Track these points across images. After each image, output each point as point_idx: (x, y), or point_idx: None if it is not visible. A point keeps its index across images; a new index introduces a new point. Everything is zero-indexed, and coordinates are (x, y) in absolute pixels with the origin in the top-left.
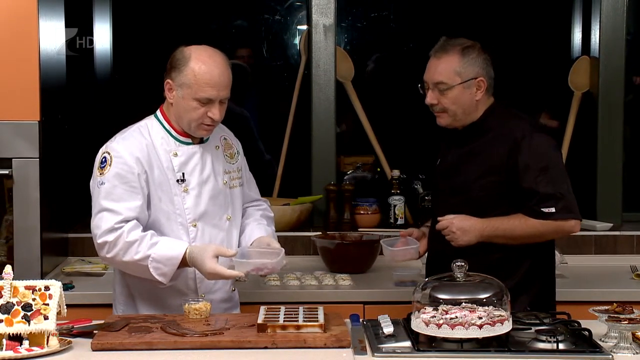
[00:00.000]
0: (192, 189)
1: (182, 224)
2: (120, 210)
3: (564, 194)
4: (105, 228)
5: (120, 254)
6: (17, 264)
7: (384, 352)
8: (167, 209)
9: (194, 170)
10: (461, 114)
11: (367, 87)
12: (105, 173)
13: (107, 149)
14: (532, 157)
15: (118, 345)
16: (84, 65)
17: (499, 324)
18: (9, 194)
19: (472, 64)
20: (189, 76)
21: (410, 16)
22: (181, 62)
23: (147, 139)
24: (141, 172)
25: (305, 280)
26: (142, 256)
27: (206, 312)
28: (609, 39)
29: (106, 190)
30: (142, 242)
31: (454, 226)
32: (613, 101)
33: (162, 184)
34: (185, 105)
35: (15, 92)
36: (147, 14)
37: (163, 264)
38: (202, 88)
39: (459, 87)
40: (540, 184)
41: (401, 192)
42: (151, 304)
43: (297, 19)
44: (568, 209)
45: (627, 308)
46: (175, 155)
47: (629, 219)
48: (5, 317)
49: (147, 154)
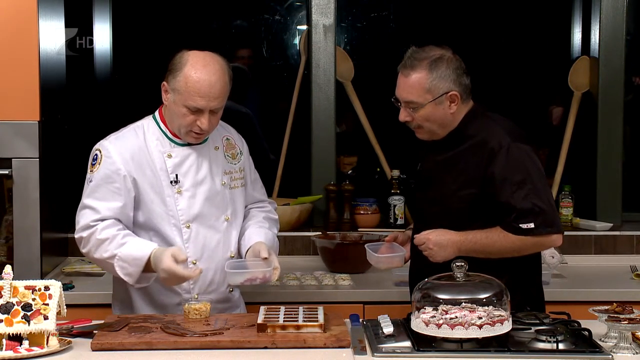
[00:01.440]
0: (186, 190)
1: (176, 225)
2: (100, 209)
3: (542, 207)
4: (82, 224)
5: (92, 250)
6: (17, 264)
7: (384, 352)
8: (159, 210)
9: (189, 171)
10: (437, 128)
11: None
12: (94, 171)
13: (100, 146)
14: (509, 169)
15: (118, 345)
16: (83, 65)
17: (499, 324)
18: (8, 194)
19: (442, 78)
20: (181, 82)
21: (410, 16)
22: (176, 67)
23: (141, 139)
24: (128, 174)
25: (305, 280)
26: (110, 255)
27: (206, 312)
28: (609, 39)
29: (91, 188)
30: (112, 241)
31: (431, 242)
32: (613, 101)
33: (154, 185)
34: (176, 110)
35: (15, 92)
36: (147, 14)
37: (128, 263)
38: (191, 96)
39: (430, 104)
40: (517, 199)
41: (401, 192)
42: (148, 302)
43: (297, 19)
44: (547, 224)
45: (627, 308)
46: (169, 157)
47: (629, 219)
48: (5, 317)
49: (138, 154)
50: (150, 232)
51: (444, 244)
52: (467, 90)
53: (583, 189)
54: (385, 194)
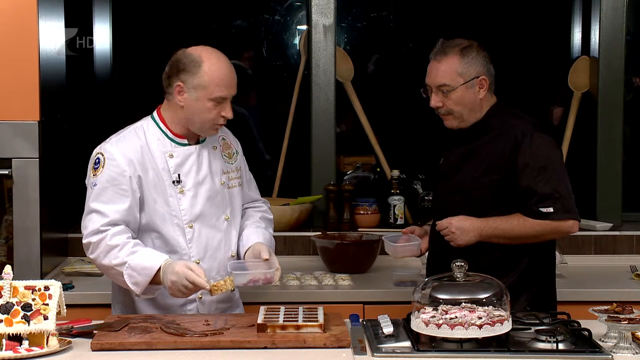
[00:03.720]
0: (188, 190)
1: (179, 225)
2: (108, 212)
3: (562, 193)
4: (91, 229)
5: (101, 256)
6: (16, 264)
7: (384, 352)
8: (162, 211)
9: (190, 171)
10: (467, 114)
11: (367, 87)
12: (97, 174)
13: (101, 149)
14: (532, 156)
15: (118, 345)
16: (83, 65)
17: (499, 324)
18: (8, 194)
19: (473, 63)
20: (205, 77)
21: (410, 16)
22: (193, 65)
23: (142, 140)
24: (133, 175)
25: (305, 280)
26: (120, 262)
27: (226, 286)
28: (609, 39)
29: (97, 192)
30: (123, 248)
31: (453, 226)
32: (613, 101)
33: (157, 186)
34: (199, 106)
35: (15, 92)
36: (147, 14)
37: (138, 272)
38: (217, 88)
39: (462, 87)
40: (539, 184)
41: (401, 192)
42: (151, 304)
43: (296, 19)
44: (566, 209)
45: (626, 308)
46: (171, 157)
47: (629, 219)
48: (5, 317)
49: (141, 155)
50: (152, 233)
51: (466, 229)
52: (493, 80)
53: (583, 189)
54: (385, 194)
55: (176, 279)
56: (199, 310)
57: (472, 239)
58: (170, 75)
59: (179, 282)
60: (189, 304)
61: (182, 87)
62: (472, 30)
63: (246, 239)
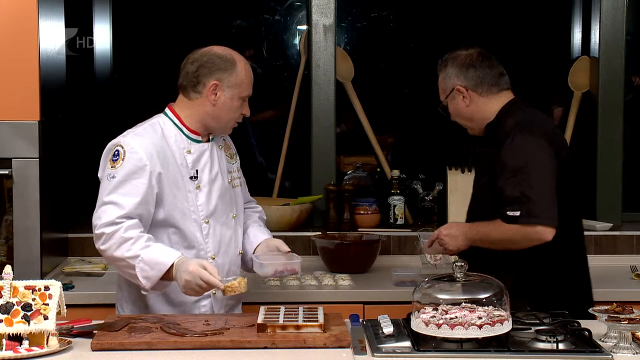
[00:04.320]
0: (204, 186)
1: (196, 221)
2: (124, 204)
3: (531, 197)
4: (106, 220)
5: (113, 248)
6: (17, 264)
7: (384, 352)
8: (181, 206)
9: (205, 168)
10: (468, 122)
11: (367, 87)
12: (117, 166)
13: (121, 142)
14: (509, 157)
15: (118, 345)
16: (83, 65)
17: (499, 324)
18: (8, 194)
19: (446, 76)
20: (239, 76)
21: (410, 16)
22: (229, 64)
23: (161, 135)
24: (154, 169)
25: (305, 280)
26: (133, 255)
27: (240, 288)
28: (609, 39)
29: (115, 184)
30: (136, 241)
31: (442, 234)
32: (613, 101)
33: (177, 181)
34: (231, 105)
35: (15, 92)
36: (147, 13)
37: (150, 267)
38: (247, 87)
39: (449, 102)
40: (509, 186)
41: (401, 192)
42: (164, 301)
43: (297, 19)
44: (533, 214)
45: (627, 308)
46: (188, 153)
47: (629, 219)
48: (5, 317)
49: (162, 150)
50: (169, 229)
51: (454, 235)
52: (481, 82)
53: (583, 189)
54: (385, 194)
55: (190, 278)
56: (212, 306)
57: (461, 243)
58: (200, 74)
59: (193, 281)
60: (203, 300)
61: (218, 85)
62: (472, 30)
63: (253, 237)
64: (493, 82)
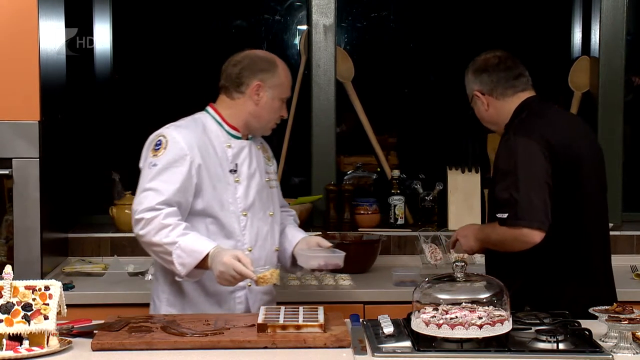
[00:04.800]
0: (243, 180)
1: (234, 212)
2: (165, 192)
3: (519, 199)
4: (146, 206)
5: (151, 233)
6: (17, 264)
7: (384, 352)
8: (220, 197)
9: (244, 162)
10: (490, 125)
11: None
12: (159, 155)
13: (163, 133)
14: (503, 160)
15: (118, 345)
16: (84, 65)
17: (499, 324)
18: (9, 194)
19: (467, 82)
20: (281, 78)
21: (410, 16)
22: (272, 66)
23: (201, 129)
24: (194, 160)
25: (305, 280)
26: (171, 241)
27: (272, 279)
28: (609, 39)
29: (156, 172)
30: (175, 228)
31: (458, 235)
32: (613, 101)
33: (217, 173)
34: (272, 105)
35: (15, 92)
36: (147, 13)
37: (187, 254)
38: (287, 89)
39: (472, 106)
40: (499, 189)
41: (401, 192)
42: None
43: (297, 19)
44: (519, 216)
45: (627, 308)
46: (229, 147)
47: (629, 219)
48: (5, 317)
49: (203, 143)
50: (207, 219)
51: (466, 235)
52: (495, 86)
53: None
54: (385, 194)
55: (224, 269)
56: (247, 297)
57: (473, 243)
58: (243, 75)
59: (226, 272)
60: (238, 291)
61: (261, 86)
62: (473, 30)
63: (292, 236)
64: (508, 84)
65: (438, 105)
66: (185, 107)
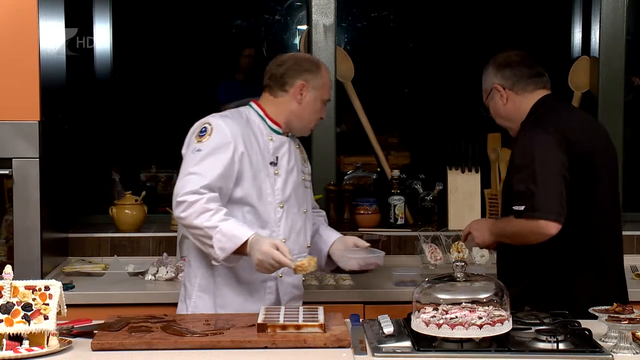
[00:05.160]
0: (282, 173)
1: (271, 203)
2: (207, 176)
3: (535, 192)
4: (189, 189)
5: (193, 216)
6: (17, 264)
7: (384, 352)
8: (259, 187)
9: (283, 157)
10: (506, 122)
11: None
12: (203, 141)
13: (208, 121)
14: (518, 154)
15: (118, 345)
16: (84, 65)
17: (499, 324)
18: (9, 194)
19: (487, 77)
20: (323, 79)
21: (410, 16)
22: (316, 67)
23: (245, 120)
24: (238, 148)
25: (306, 280)
26: (212, 225)
27: (310, 267)
28: (609, 39)
29: (200, 157)
30: (216, 213)
31: (471, 228)
32: (613, 101)
33: (258, 164)
34: (314, 106)
35: (15, 92)
36: (147, 14)
37: (227, 238)
38: (328, 91)
39: (489, 102)
40: (515, 181)
41: (401, 192)
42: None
43: (297, 19)
44: (536, 208)
45: (627, 308)
46: (271, 140)
47: (629, 219)
48: (5, 317)
49: (246, 133)
50: (245, 207)
51: (480, 229)
52: (517, 81)
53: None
54: (386, 194)
55: (263, 257)
56: (278, 287)
57: (486, 236)
58: (288, 75)
59: (265, 260)
60: (269, 281)
61: (305, 85)
62: (473, 30)
63: (326, 236)
64: (530, 81)
65: (438, 105)
66: (185, 106)
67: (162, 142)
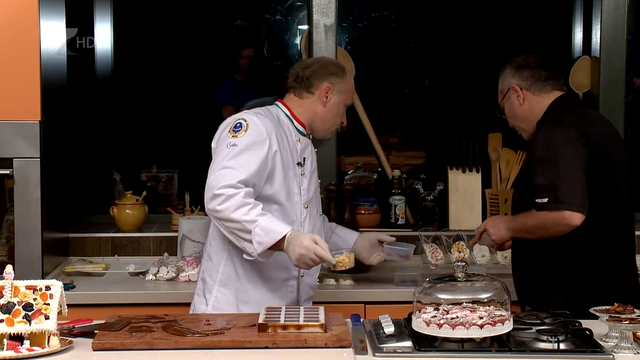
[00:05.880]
0: (307, 174)
1: (298, 203)
2: (244, 171)
3: (558, 184)
4: (226, 183)
5: (230, 209)
6: (18, 264)
7: (385, 352)
8: (288, 187)
9: (308, 158)
10: (522, 123)
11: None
12: (239, 136)
13: (243, 117)
14: (539, 148)
15: (119, 345)
16: (84, 65)
17: (500, 324)
18: (9, 194)
19: (504, 77)
20: (347, 84)
21: (411, 16)
22: (341, 71)
23: (277, 120)
24: (272, 146)
25: None
26: (251, 219)
27: (349, 263)
28: (610, 39)
29: (236, 152)
30: (254, 207)
31: (487, 225)
32: (614, 101)
33: (288, 163)
34: (337, 110)
35: (16, 92)
36: (148, 14)
37: (265, 233)
38: (351, 96)
39: (505, 103)
40: (537, 175)
41: (402, 192)
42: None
43: (297, 19)
44: (560, 200)
45: (627, 308)
46: (298, 141)
47: None
48: (6, 316)
49: (279, 131)
50: (273, 205)
51: (497, 225)
52: (535, 81)
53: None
54: (386, 194)
55: (305, 252)
56: (299, 286)
57: (504, 232)
58: (314, 77)
59: (307, 255)
60: (291, 280)
61: (331, 88)
62: (473, 30)
63: (344, 234)
64: (547, 82)
65: (438, 105)
66: (185, 106)
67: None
